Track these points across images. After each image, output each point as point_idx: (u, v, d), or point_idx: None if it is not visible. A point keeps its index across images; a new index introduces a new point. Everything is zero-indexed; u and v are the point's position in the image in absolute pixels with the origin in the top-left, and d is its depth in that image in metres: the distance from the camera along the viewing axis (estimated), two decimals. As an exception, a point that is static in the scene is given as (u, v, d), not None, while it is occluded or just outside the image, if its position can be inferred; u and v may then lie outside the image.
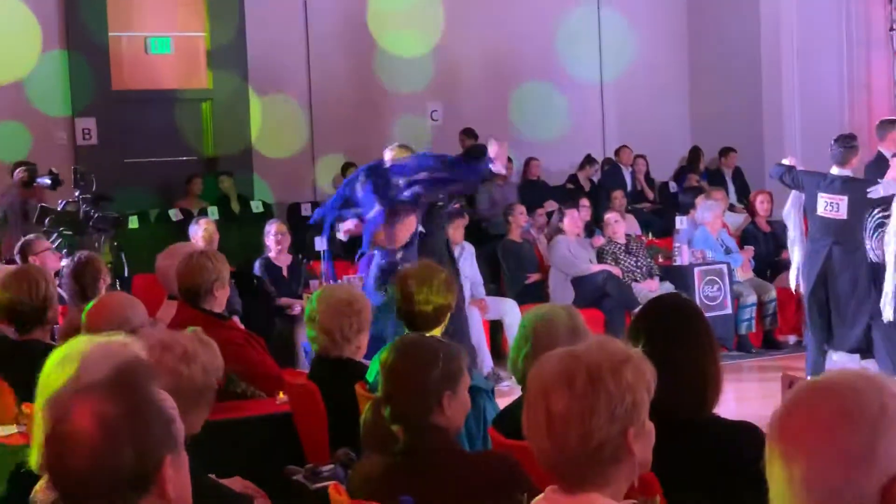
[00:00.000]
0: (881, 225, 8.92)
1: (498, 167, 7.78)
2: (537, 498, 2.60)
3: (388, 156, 8.25)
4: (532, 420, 2.48)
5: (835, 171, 9.24)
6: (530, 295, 11.46)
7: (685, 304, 3.69)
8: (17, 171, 10.52)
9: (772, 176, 9.99)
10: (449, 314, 5.31)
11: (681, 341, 3.35)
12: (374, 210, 7.82)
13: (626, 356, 2.52)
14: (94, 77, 13.78)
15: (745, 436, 3.28)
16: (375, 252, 7.99)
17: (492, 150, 7.74)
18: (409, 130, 14.51)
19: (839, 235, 9.15)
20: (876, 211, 8.95)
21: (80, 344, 3.18)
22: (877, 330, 8.98)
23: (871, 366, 8.73)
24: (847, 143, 9.33)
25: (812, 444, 1.91)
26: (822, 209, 9.23)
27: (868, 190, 9.03)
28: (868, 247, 9.02)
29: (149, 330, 4.16)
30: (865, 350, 9.19)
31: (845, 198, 9.12)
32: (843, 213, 9.11)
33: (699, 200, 12.50)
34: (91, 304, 5.05)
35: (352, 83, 15.22)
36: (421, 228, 8.01)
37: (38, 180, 10.43)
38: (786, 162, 9.65)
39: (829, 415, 1.92)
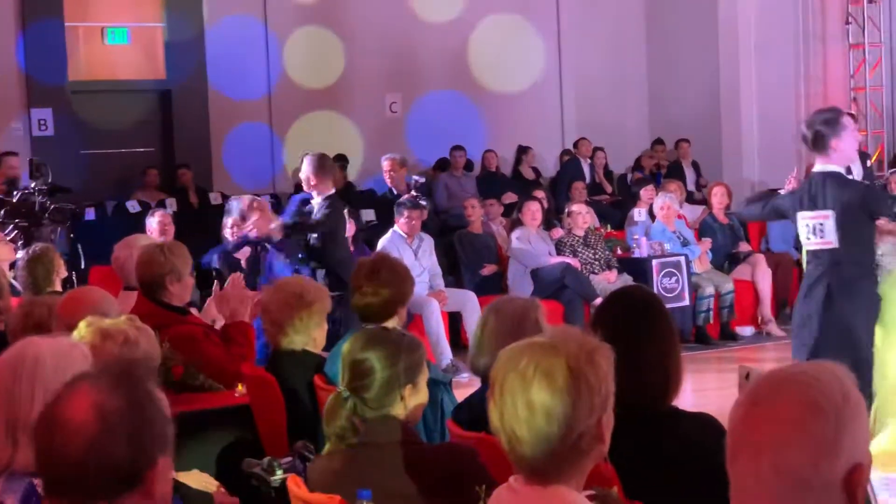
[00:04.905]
0: None
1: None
2: (499, 489, 2.59)
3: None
4: (508, 413, 2.44)
5: None
6: (489, 287, 11.47)
7: (648, 296, 3.69)
8: None
9: None
10: (400, 306, 5.25)
11: (644, 334, 3.35)
12: None
13: (596, 345, 2.51)
14: (51, 67, 13.66)
15: (705, 428, 3.29)
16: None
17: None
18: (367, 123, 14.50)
19: None
20: None
21: (30, 346, 3.07)
22: None
23: None
24: None
25: (780, 435, 1.91)
26: None
27: None
28: None
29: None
30: None
31: None
32: None
33: (644, 192, 12.61)
34: (63, 296, 5.01)
35: (310, 73, 15.19)
36: None
37: None
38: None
39: (795, 405, 1.93)
